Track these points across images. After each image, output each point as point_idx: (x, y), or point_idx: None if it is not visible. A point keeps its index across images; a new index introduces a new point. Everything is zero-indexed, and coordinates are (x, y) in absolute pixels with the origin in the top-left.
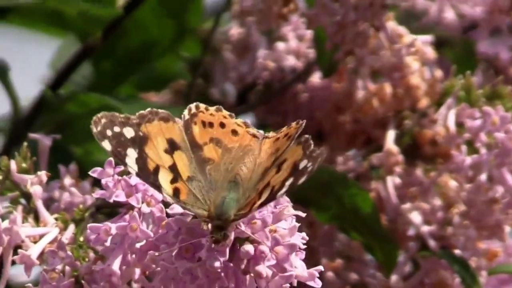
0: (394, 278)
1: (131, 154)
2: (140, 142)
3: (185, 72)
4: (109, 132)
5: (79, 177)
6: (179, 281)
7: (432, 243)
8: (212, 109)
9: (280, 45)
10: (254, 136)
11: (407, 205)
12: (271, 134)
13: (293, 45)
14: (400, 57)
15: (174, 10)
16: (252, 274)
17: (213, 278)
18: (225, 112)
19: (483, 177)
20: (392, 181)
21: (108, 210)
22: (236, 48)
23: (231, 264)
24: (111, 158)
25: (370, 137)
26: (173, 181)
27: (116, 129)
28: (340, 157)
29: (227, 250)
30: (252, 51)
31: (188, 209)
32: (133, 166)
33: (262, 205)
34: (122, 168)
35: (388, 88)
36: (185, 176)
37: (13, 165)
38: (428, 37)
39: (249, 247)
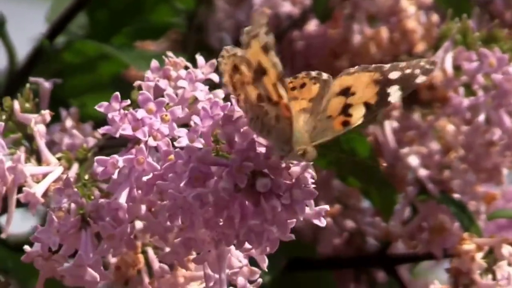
0: (393, 223)
1: None
2: None
3: (180, 22)
4: None
5: None
6: (186, 211)
7: (431, 187)
8: None
9: None
10: None
11: (405, 150)
12: None
13: None
14: None
15: None
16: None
17: (221, 206)
18: None
19: (480, 119)
20: (390, 125)
21: (110, 151)
22: None
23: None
24: (117, 93)
25: None
26: None
27: None
28: None
29: (246, 178)
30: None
31: None
32: None
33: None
34: (128, 102)
35: (384, 33)
36: None
37: (16, 105)
38: None
39: (266, 181)
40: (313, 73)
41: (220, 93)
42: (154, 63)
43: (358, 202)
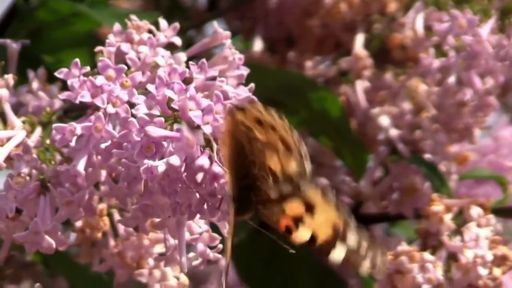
0: (363, 182)
1: None
2: None
3: None
4: None
5: (50, 84)
6: (140, 180)
7: (401, 147)
8: None
9: None
10: None
11: (376, 109)
12: None
13: None
14: None
15: None
16: None
17: (174, 179)
18: None
19: (451, 80)
20: (361, 85)
21: (76, 113)
22: None
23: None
24: (77, 59)
25: (339, 42)
26: None
27: None
28: (309, 61)
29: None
30: None
31: None
32: None
33: None
34: (88, 69)
35: None
36: None
37: None
38: None
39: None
40: None
41: (182, 56)
42: (117, 26)
43: (332, 160)
